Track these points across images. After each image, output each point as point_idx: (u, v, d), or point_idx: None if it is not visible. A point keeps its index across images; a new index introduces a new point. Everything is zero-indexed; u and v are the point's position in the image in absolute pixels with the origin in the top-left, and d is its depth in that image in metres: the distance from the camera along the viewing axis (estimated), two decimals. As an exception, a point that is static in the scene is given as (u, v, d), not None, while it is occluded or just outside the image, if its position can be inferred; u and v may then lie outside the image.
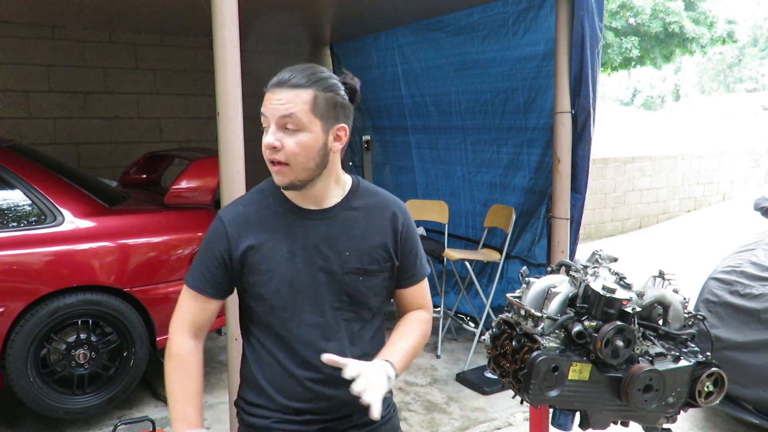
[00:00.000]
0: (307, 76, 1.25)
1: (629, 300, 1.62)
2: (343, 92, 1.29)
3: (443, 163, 4.84)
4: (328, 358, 1.24)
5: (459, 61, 4.39)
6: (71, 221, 3.11)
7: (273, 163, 1.26)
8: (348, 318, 1.36)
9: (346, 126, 1.30)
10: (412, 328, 1.42)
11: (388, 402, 1.48)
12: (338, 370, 1.25)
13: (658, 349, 1.67)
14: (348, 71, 1.32)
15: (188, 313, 1.38)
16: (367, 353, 1.37)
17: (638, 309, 1.63)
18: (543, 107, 3.76)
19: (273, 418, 1.38)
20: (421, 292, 1.47)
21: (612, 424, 1.70)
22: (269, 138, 1.24)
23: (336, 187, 1.36)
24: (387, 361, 1.28)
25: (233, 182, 2.25)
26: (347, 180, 1.39)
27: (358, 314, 1.37)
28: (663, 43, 12.70)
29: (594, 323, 1.58)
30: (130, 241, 3.24)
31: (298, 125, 1.23)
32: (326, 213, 1.34)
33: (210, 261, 1.35)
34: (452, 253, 4.10)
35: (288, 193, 1.35)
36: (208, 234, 1.38)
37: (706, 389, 1.68)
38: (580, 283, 1.68)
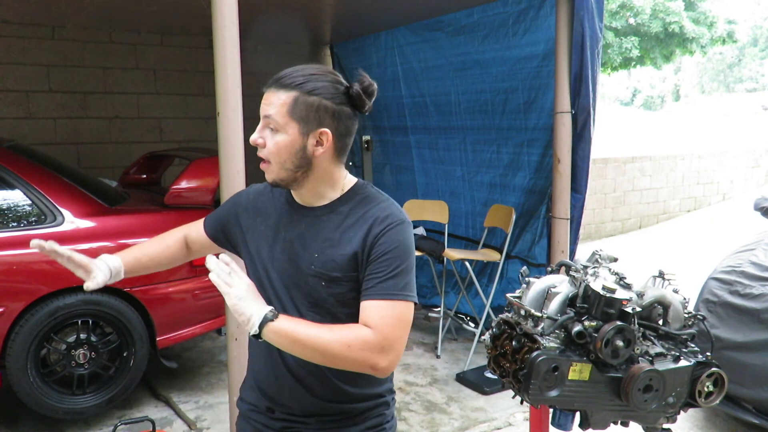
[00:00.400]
0: (295, 78, 1.25)
1: (629, 300, 1.62)
2: (337, 97, 1.26)
3: (443, 163, 4.84)
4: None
5: (459, 62, 4.39)
6: (71, 221, 3.11)
7: (261, 160, 1.31)
8: (311, 320, 1.30)
9: (328, 131, 1.26)
10: (333, 326, 1.24)
11: (378, 423, 1.41)
12: (298, 361, 1.29)
13: (658, 349, 1.67)
14: (366, 76, 1.28)
15: (191, 226, 1.60)
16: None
17: (638, 309, 1.63)
18: (543, 107, 3.76)
19: (249, 404, 1.46)
20: (375, 309, 1.22)
21: (612, 424, 1.70)
22: (253, 135, 1.30)
23: (329, 189, 1.34)
24: (273, 310, 1.22)
25: (233, 182, 2.25)
26: (349, 183, 1.36)
27: (323, 319, 1.30)
28: (663, 43, 12.70)
29: (594, 323, 1.58)
30: (130, 241, 3.23)
31: (276, 126, 1.26)
32: (312, 211, 1.35)
33: (221, 210, 1.54)
34: (452, 253, 4.11)
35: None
36: (236, 193, 1.56)
37: (706, 389, 1.68)
38: (580, 283, 1.68)
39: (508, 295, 1.77)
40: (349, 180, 1.37)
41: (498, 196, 4.31)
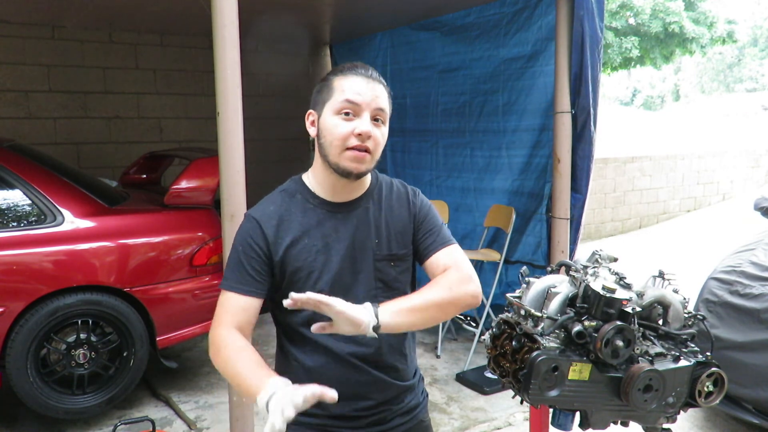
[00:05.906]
0: (376, 73, 1.34)
1: (629, 300, 1.61)
2: None
3: (413, 167, 4.83)
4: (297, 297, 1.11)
5: (445, 62, 4.37)
6: (71, 221, 3.11)
7: (359, 150, 1.29)
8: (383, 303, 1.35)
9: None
10: (423, 288, 1.31)
11: (421, 388, 1.55)
12: (381, 344, 1.35)
13: (658, 349, 1.67)
14: None
15: (228, 315, 1.29)
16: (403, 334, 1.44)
17: (638, 309, 1.62)
18: (525, 108, 3.75)
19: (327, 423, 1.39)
20: (446, 255, 1.39)
21: (612, 424, 1.69)
22: (365, 126, 1.29)
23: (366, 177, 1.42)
24: (374, 305, 1.21)
25: (233, 182, 2.25)
26: None
27: (392, 299, 1.36)
28: (663, 43, 12.70)
29: (594, 323, 1.58)
30: (130, 241, 3.24)
31: (383, 118, 1.33)
32: (353, 205, 1.39)
33: (251, 259, 1.31)
34: (452, 253, 4.09)
35: (316, 188, 1.38)
36: (242, 234, 1.34)
37: (706, 389, 1.68)
38: (580, 283, 1.68)
39: (508, 294, 1.77)
40: None
41: (471, 201, 4.27)
